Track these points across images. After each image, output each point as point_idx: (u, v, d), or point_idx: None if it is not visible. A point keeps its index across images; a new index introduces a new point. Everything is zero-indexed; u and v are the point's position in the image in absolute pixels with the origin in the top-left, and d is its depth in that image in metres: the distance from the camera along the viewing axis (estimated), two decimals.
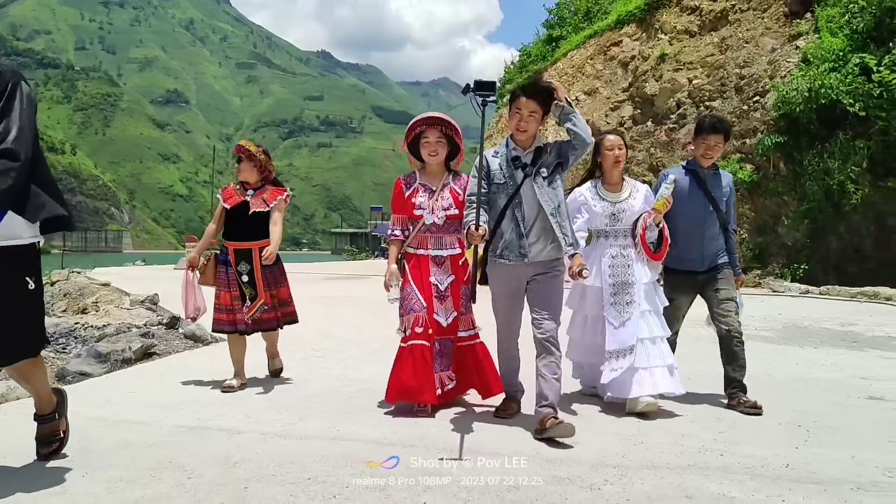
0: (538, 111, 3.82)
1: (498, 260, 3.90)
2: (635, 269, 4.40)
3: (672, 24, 19.02)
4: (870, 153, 13.16)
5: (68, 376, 4.94)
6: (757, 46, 16.38)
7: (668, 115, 17.74)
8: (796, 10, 16.34)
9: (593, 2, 26.61)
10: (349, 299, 12.40)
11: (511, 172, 3.89)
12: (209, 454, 3.29)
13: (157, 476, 2.97)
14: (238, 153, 5.14)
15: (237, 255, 4.97)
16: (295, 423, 3.92)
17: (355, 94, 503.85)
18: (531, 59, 28.85)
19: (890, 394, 4.73)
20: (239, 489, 2.83)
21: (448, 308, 4.26)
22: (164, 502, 2.70)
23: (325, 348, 6.62)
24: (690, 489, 2.86)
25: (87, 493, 2.76)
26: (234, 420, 3.96)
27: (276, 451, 3.36)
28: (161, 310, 9.58)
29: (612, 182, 4.56)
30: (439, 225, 4.32)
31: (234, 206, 5.01)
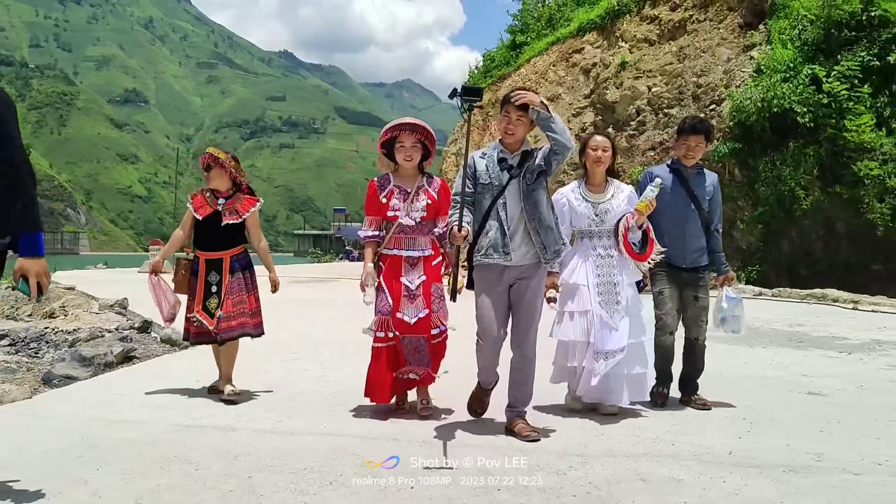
0: (525, 116, 3.93)
1: (483, 259, 3.94)
2: (620, 269, 4.50)
3: (632, 32, 19.57)
4: (819, 160, 13.78)
5: (54, 380, 5.08)
6: (713, 56, 16.97)
7: (629, 121, 18.25)
8: (750, 21, 16.99)
9: (556, 9, 27.09)
10: (321, 303, 12.60)
11: (497, 173, 3.99)
12: (209, 449, 3.56)
13: (165, 468, 3.24)
14: (207, 161, 5.05)
15: (208, 265, 4.91)
16: (284, 420, 4.21)
17: (318, 94, 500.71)
18: (495, 63, 29.19)
19: (827, 389, 5.14)
20: (244, 478, 3.11)
21: (418, 307, 4.31)
22: (179, 490, 2.97)
23: (303, 350, 6.86)
24: (645, 473, 3.22)
25: (105, 484, 3.03)
26: (226, 419, 4.22)
27: (270, 445, 3.64)
28: (131, 314, 9.68)
29: (595, 182, 4.64)
30: (413, 226, 4.42)
31: (205, 217, 4.94)
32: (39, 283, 2.74)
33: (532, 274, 3.98)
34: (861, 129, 13.07)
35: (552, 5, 27.61)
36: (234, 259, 4.90)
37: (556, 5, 27.37)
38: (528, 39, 26.47)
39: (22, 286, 2.74)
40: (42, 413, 4.36)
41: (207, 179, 5.05)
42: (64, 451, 3.50)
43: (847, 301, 10.89)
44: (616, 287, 4.44)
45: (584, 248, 4.58)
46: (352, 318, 9.59)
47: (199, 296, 4.87)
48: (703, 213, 4.70)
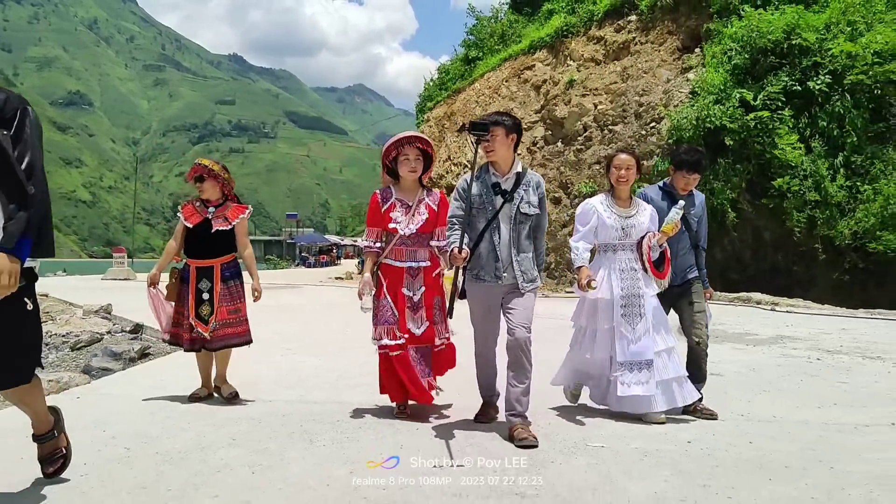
0: (501, 134, 4.13)
1: (475, 280, 4.15)
2: (644, 282, 4.58)
3: (580, 52, 20.75)
4: (748, 176, 15.11)
5: (93, 371, 5.86)
6: (654, 77, 18.23)
7: (576, 136, 19.41)
8: (688, 45, 18.31)
9: (508, 25, 28.21)
10: (294, 307, 13.37)
11: (490, 198, 4.13)
12: (261, 411, 4.65)
13: (235, 423, 4.31)
14: (200, 172, 5.12)
15: (199, 273, 5.02)
16: (306, 394, 5.27)
17: (269, 98, 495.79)
18: (450, 76, 30.18)
19: (726, 371, 6.23)
20: (297, 427, 4.18)
21: (421, 318, 4.46)
22: (256, 433, 4.04)
23: (296, 347, 7.76)
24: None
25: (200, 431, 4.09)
26: (261, 393, 5.21)
27: (304, 409, 4.70)
28: (117, 318, 10.30)
29: (621, 198, 4.73)
30: (414, 238, 4.52)
31: (195, 225, 5.07)
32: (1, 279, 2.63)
33: (523, 290, 4.15)
34: (784, 148, 14.44)
35: (504, 22, 28.71)
36: (225, 267, 5.04)
37: (507, 22, 28.48)
38: (481, 54, 27.46)
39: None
40: (114, 392, 5.32)
41: (200, 190, 5.15)
42: (153, 415, 4.50)
43: (768, 303, 12.16)
44: (640, 300, 4.51)
45: (609, 262, 4.65)
46: (326, 321, 10.49)
47: (191, 303, 4.94)
48: (692, 233, 4.87)
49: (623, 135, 17.74)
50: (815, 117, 14.88)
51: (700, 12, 18.16)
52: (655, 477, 3.25)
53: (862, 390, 5.38)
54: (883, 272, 13.81)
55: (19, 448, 3.53)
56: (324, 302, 15.37)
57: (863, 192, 14.12)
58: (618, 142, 17.97)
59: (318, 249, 60.56)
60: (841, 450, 3.76)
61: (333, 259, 57.75)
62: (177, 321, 5.05)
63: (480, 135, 3.97)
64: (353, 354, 6.88)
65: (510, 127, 4.19)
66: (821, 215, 14.18)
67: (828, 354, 7.02)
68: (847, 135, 14.53)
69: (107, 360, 6.10)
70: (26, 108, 2.92)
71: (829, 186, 14.22)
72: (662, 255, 4.65)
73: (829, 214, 14.16)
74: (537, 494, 2.97)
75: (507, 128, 4.17)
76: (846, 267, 14.10)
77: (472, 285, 4.18)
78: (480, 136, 3.98)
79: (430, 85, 31.81)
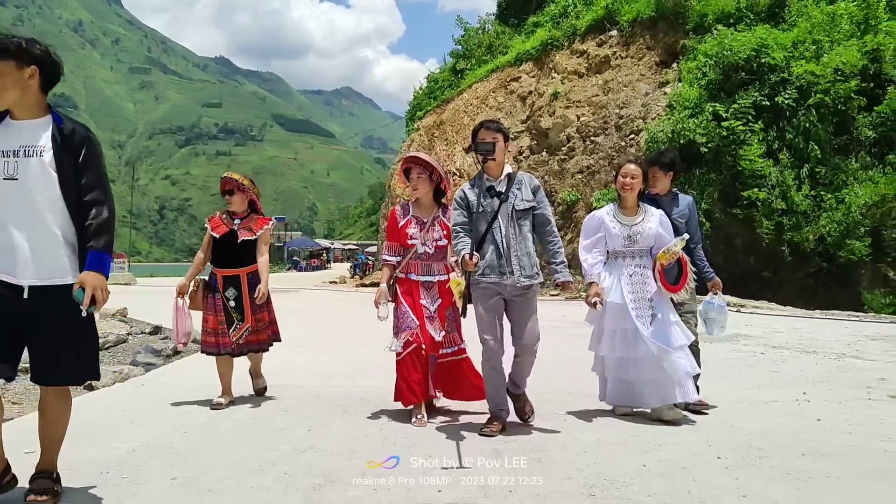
0: (501, 141, 4.39)
1: (481, 279, 4.29)
2: (652, 286, 4.70)
3: (564, 65, 21.71)
4: (721, 186, 16.08)
5: (140, 365, 6.71)
6: (634, 90, 19.21)
7: (560, 146, 20.35)
8: (665, 60, 19.32)
9: (495, 36, 29.14)
10: (291, 311, 14.11)
11: (489, 201, 4.34)
12: (297, 392, 5.60)
13: (286, 396, 5.39)
14: (230, 186, 5.35)
15: (225, 282, 5.22)
16: (330, 380, 6.21)
17: (255, 101, 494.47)
18: (438, 85, 31.01)
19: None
20: (330, 402, 5.18)
21: (437, 328, 4.68)
22: (300, 407, 5.06)
23: (307, 346, 8.53)
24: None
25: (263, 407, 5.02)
26: (291, 380, 6.10)
27: (333, 392, 5.60)
28: (133, 321, 11.09)
29: (626, 206, 4.87)
30: (429, 254, 4.77)
31: (222, 235, 5.25)
32: (95, 294, 2.94)
33: (525, 291, 4.36)
34: (753, 160, 15.43)
35: (491, 33, 29.65)
36: (251, 276, 5.22)
37: (494, 33, 29.42)
38: (470, 66, 28.33)
39: (78, 293, 2.94)
40: (169, 381, 6.06)
41: (228, 202, 5.38)
42: (211, 397, 5.16)
43: (735, 305, 13.10)
44: (651, 302, 4.66)
45: (618, 267, 4.81)
46: (330, 323, 11.32)
47: (219, 310, 5.20)
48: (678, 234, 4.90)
49: (604, 146, 18.69)
50: (782, 131, 15.91)
51: (677, 29, 19.21)
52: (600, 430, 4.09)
53: (787, 377, 6.25)
54: (845, 275, 14.81)
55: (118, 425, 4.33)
56: (323, 305, 16.19)
57: (826, 200, 15.14)
58: (599, 153, 18.94)
59: (308, 253, 61.08)
60: (744, 415, 4.69)
61: (324, 263, 58.35)
62: (204, 328, 5.21)
63: (487, 153, 4.27)
64: (362, 352, 7.71)
65: (507, 136, 4.52)
66: (787, 222, 15.17)
67: (772, 349, 7.91)
68: (812, 147, 15.56)
69: (150, 356, 6.95)
70: (90, 136, 3.15)
71: (795, 196, 15.22)
72: (681, 267, 4.78)
73: (795, 222, 15.16)
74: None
75: (506, 136, 4.48)
76: (811, 270, 15.10)
77: (477, 287, 4.32)
78: (487, 157, 4.28)
79: (419, 93, 32.63)
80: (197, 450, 3.87)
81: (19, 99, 3.04)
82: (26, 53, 3.01)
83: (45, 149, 3.03)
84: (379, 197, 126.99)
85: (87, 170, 3.08)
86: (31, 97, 3.07)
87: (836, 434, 4.23)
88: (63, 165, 3.03)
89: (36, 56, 3.04)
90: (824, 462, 3.58)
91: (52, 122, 3.10)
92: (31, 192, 2.99)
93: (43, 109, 3.13)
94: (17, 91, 3.02)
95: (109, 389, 5.77)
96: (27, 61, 3.01)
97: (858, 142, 15.79)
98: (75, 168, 3.06)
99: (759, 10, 18.21)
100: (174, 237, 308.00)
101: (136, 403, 5.18)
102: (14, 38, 3.03)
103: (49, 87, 3.14)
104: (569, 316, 10.98)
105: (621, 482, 3.21)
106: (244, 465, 3.54)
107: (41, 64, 3.06)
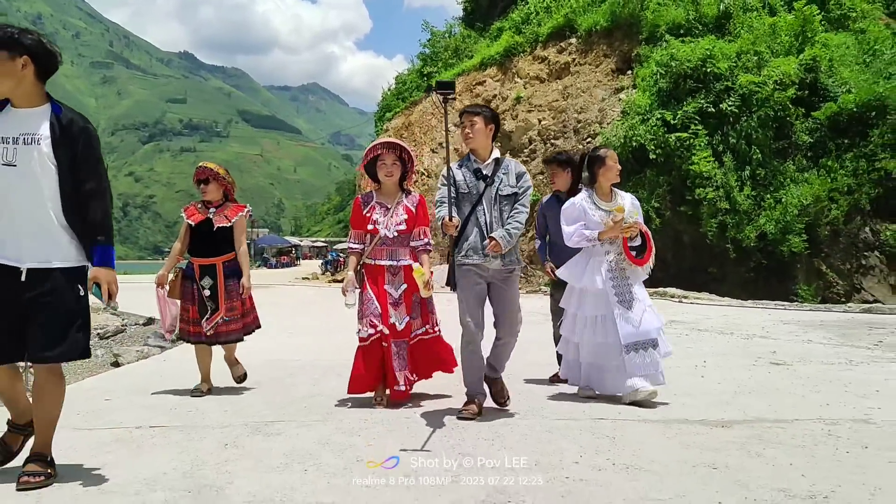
0: (480, 123, 4.43)
1: (464, 260, 4.33)
2: (632, 271, 4.85)
3: (526, 70, 22.73)
4: (670, 186, 17.27)
5: (153, 348, 7.59)
6: (591, 96, 20.31)
7: (522, 149, 21.37)
8: (620, 67, 20.45)
9: (461, 40, 30.03)
10: (271, 305, 14.91)
11: (474, 183, 4.40)
12: (298, 363, 6.54)
13: (286, 366, 6.40)
14: (205, 175, 5.39)
15: (202, 271, 5.26)
16: (319, 355, 7.03)
17: (220, 97, 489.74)
18: (406, 86, 31.78)
19: None
20: (327, 369, 6.17)
21: (401, 313, 4.72)
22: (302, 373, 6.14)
23: (294, 331, 9.43)
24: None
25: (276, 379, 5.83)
26: (300, 355, 7.04)
27: (324, 363, 6.55)
28: (124, 314, 11.79)
29: (603, 192, 4.97)
30: (393, 238, 4.79)
31: (197, 224, 5.31)
32: (110, 289, 3.14)
33: (508, 274, 4.43)
34: (700, 162, 16.63)
35: (457, 37, 30.54)
36: (226, 265, 5.27)
37: (461, 37, 30.31)
38: (436, 69, 29.16)
39: (95, 291, 3.13)
40: (187, 358, 6.15)
41: (203, 192, 5.41)
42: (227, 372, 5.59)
43: (678, 296, 14.26)
44: (631, 288, 4.81)
45: (598, 253, 4.87)
46: (310, 314, 12.22)
47: (196, 299, 5.25)
48: None
49: (563, 149, 19.76)
50: (726, 135, 17.14)
51: (631, 38, 20.36)
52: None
53: (698, 353, 7.02)
54: (783, 269, 16.09)
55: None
56: (300, 299, 17.03)
57: (766, 200, 16.42)
58: None
59: (277, 251, 61.38)
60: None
61: (293, 260, 58.73)
62: (182, 317, 5.29)
63: (446, 93, 4.19)
64: (344, 335, 8.29)
65: (489, 117, 4.50)
66: (730, 221, 16.39)
67: (696, 332, 8.89)
68: (753, 151, 16.83)
69: (159, 340, 7.84)
70: (88, 126, 3.22)
71: (738, 196, 16.46)
72: (644, 242, 4.89)
73: (737, 220, 16.39)
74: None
75: (486, 118, 4.47)
76: (752, 265, 16.35)
77: (460, 269, 4.38)
78: (446, 96, 4.19)
79: (388, 94, 33.40)
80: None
81: (14, 88, 3.12)
82: (17, 44, 3.07)
83: (43, 137, 3.12)
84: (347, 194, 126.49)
85: (84, 160, 3.16)
86: (27, 87, 3.14)
87: (711, 384, 5.40)
88: (60, 154, 3.12)
89: (27, 46, 3.09)
90: (688, 398, 4.85)
91: (50, 111, 3.19)
92: (30, 179, 3.08)
93: (41, 98, 3.21)
94: (12, 81, 3.09)
95: (136, 364, 6.68)
96: (19, 51, 3.07)
97: (796, 146, 17.09)
98: (73, 157, 3.14)
99: (706, 22, 19.46)
100: (138, 234, 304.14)
101: (170, 371, 6.04)
102: (8, 29, 3.11)
103: (46, 76, 3.21)
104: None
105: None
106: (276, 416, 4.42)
107: (33, 54, 3.11)
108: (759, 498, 2.87)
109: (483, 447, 3.67)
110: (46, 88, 3.26)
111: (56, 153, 3.11)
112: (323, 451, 3.63)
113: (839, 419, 4.24)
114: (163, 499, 2.94)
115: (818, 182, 16.31)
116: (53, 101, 3.22)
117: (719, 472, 3.20)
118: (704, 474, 3.19)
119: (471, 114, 4.47)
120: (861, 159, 16.24)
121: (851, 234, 16.05)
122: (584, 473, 3.19)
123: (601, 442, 3.75)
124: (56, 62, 3.23)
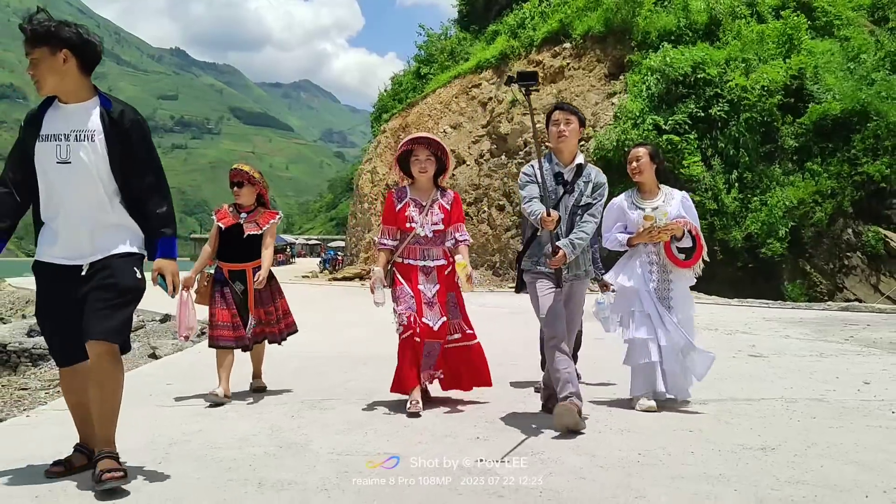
0: (576, 124, 4.24)
1: (536, 267, 4.21)
2: (674, 272, 4.62)
3: None
4: None
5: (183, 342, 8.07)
6: (585, 100, 20.83)
7: (518, 151, 21.89)
8: (613, 72, 21.02)
9: (457, 42, 30.51)
10: None
11: (554, 187, 4.18)
12: (322, 355, 7.03)
13: (314, 358, 6.84)
14: (239, 178, 5.23)
15: (231, 276, 5.13)
16: (337, 347, 7.54)
17: (212, 94, 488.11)
18: (402, 88, 32.26)
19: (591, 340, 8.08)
20: (355, 360, 6.70)
21: (436, 314, 4.52)
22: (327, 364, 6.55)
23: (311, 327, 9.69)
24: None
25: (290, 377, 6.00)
26: (322, 349, 7.43)
27: (346, 355, 7.07)
28: (140, 311, 12.29)
29: (644, 190, 4.77)
30: (428, 237, 4.63)
31: (228, 227, 5.15)
32: (174, 280, 3.17)
33: (573, 279, 4.25)
34: (690, 166, 17.22)
35: (453, 39, 31.03)
36: (256, 271, 5.08)
37: (456, 39, 30.80)
38: (433, 71, 29.63)
39: (161, 282, 3.16)
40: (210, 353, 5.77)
41: (236, 195, 5.25)
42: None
43: None
44: (670, 292, 4.61)
45: (639, 253, 4.67)
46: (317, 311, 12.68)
47: (232, 305, 5.07)
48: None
49: None
50: (715, 140, 17.78)
51: (624, 44, 20.92)
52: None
53: None
54: (769, 270, 16.72)
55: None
56: (303, 297, 17.44)
57: (752, 203, 17.04)
58: None
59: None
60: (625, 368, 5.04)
61: (288, 258, 58.98)
62: (212, 322, 5.05)
63: (529, 84, 3.86)
64: (355, 332, 9.10)
65: (583, 121, 4.34)
66: (718, 222, 17.00)
67: None
68: (741, 155, 17.46)
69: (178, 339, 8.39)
70: (138, 118, 3.17)
71: (726, 198, 17.09)
72: (695, 243, 4.63)
73: (725, 222, 17.00)
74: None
75: (581, 120, 4.30)
76: (739, 265, 16.96)
77: (529, 274, 4.27)
78: (529, 87, 3.86)
79: (384, 95, 33.91)
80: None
81: (59, 84, 3.05)
82: (56, 38, 2.98)
83: (96, 133, 3.06)
84: (339, 192, 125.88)
85: (139, 154, 3.13)
86: (72, 81, 3.06)
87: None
88: (114, 148, 3.07)
89: (66, 39, 3.00)
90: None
91: (99, 104, 3.12)
92: (85, 175, 3.04)
93: (88, 91, 3.13)
94: (56, 77, 3.02)
95: (174, 356, 7.21)
96: (59, 46, 2.99)
97: (782, 150, 17.75)
98: (126, 151, 3.10)
99: (697, 29, 20.07)
100: None
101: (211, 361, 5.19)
102: (43, 23, 3.01)
103: (90, 68, 3.12)
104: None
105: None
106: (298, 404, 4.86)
107: (73, 46, 3.02)
108: (723, 449, 3.59)
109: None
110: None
111: (109, 148, 3.06)
112: (374, 420, 4.30)
113: (798, 398, 4.93)
114: (261, 452, 3.58)
115: (803, 185, 16.97)
116: (101, 94, 3.16)
117: (693, 434, 3.94)
118: (682, 435, 3.91)
119: (568, 111, 4.28)
120: (844, 163, 16.93)
121: (834, 236, 16.73)
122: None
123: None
124: (98, 53, 3.14)
